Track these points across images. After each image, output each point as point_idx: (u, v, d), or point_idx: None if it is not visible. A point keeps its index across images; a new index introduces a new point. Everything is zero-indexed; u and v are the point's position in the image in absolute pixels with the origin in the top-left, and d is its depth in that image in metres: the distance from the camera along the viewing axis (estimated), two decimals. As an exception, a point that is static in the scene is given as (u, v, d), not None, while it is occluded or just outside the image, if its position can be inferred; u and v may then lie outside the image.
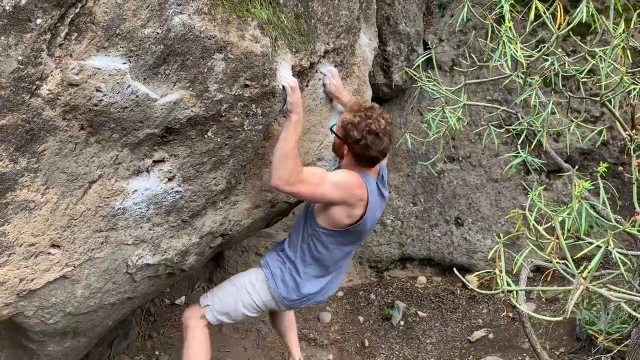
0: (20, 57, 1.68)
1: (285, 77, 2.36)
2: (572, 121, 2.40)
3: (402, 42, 4.28)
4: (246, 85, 2.25)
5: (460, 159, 4.50)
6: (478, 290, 1.47)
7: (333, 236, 2.64)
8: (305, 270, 2.72)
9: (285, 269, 2.73)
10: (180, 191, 2.28)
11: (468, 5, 1.99)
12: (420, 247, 4.72)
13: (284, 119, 2.69)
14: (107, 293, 2.28)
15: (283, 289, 2.71)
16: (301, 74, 2.64)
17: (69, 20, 1.75)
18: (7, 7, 1.61)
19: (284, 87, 2.37)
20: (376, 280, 4.86)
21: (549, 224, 1.56)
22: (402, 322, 4.42)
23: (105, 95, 1.87)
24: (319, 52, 2.71)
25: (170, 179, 2.23)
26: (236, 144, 2.35)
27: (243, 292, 2.74)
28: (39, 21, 1.68)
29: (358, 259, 4.85)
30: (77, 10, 1.76)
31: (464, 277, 4.57)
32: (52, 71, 1.77)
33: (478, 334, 4.12)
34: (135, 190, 2.14)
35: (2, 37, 1.63)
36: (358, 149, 2.54)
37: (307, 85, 2.76)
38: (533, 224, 1.55)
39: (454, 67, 4.27)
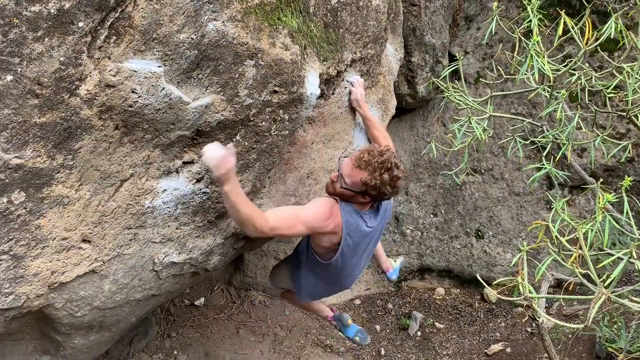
0: (62, 58, 1.75)
1: (208, 155, 2.13)
2: (597, 136, 2.41)
3: (427, 53, 4.31)
4: (275, 92, 2.30)
5: (483, 171, 4.49)
6: (500, 296, 1.48)
7: (322, 266, 2.72)
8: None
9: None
10: (208, 192, 2.33)
11: (497, 19, 2.01)
12: (439, 259, 4.71)
13: (309, 125, 2.74)
14: (133, 289, 2.34)
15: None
16: (328, 82, 2.69)
17: (108, 23, 1.83)
18: (52, 10, 1.68)
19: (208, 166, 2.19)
20: (394, 290, 4.87)
21: (572, 235, 1.57)
22: (419, 333, 4.41)
23: (140, 97, 1.94)
24: (346, 61, 2.75)
25: (198, 180, 2.29)
26: (263, 148, 2.40)
27: None
28: (81, 24, 1.75)
29: (376, 268, 4.86)
30: (117, 14, 1.83)
31: (483, 290, 4.57)
32: (90, 72, 1.84)
33: (495, 348, 4.10)
34: (165, 189, 2.21)
35: (47, 39, 1.71)
36: (362, 187, 2.45)
37: (333, 93, 2.80)
38: (556, 235, 1.56)
39: (480, 79, 4.28)
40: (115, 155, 2.03)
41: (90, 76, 1.84)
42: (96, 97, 1.87)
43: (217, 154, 2.10)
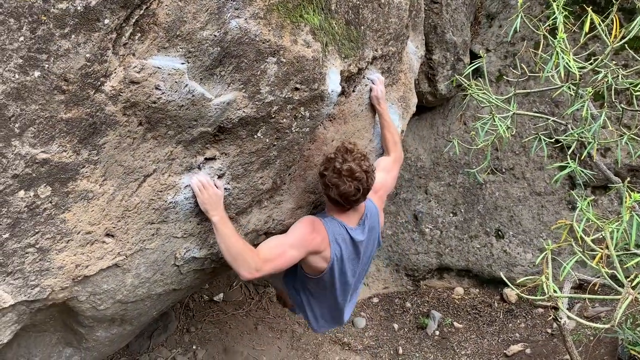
0: (88, 55, 1.78)
1: (193, 177, 2.22)
2: (621, 135, 2.37)
3: (448, 51, 4.28)
4: (296, 89, 2.31)
5: (504, 170, 4.45)
6: (524, 295, 1.47)
7: (314, 282, 2.66)
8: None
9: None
10: (229, 188, 2.35)
11: (522, 16, 1.99)
12: (458, 258, 4.68)
13: (329, 122, 2.74)
14: (155, 283, 2.37)
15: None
16: (349, 79, 2.69)
17: (133, 20, 1.85)
18: (78, 8, 1.71)
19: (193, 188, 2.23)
20: (412, 289, 4.85)
21: (597, 235, 1.55)
22: (437, 332, 4.39)
23: (163, 93, 1.96)
24: (367, 58, 2.75)
25: (220, 177, 2.30)
26: (283, 145, 2.41)
27: None
28: (106, 21, 1.78)
29: (394, 267, 4.85)
30: (142, 11, 1.85)
31: (502, 290, 4.53)
32: (115, 69, 1.86)
33: (515, 349, 4.06)
34: (187, 185, 2.23)
35: (73, 36, 1.73)
36: (322, 186, 2.50)
37: (353, 91, 2.80)
38: (580, 235, 1.54)
39: (502, 77, 4.24)
40: (138, 151, 2.05)
41: (115, 73, 1.87)
42: (121, 94, 1.90)
43: (205, 177, 2.24)
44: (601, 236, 1.50)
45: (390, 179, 2.97)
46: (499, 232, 4.54)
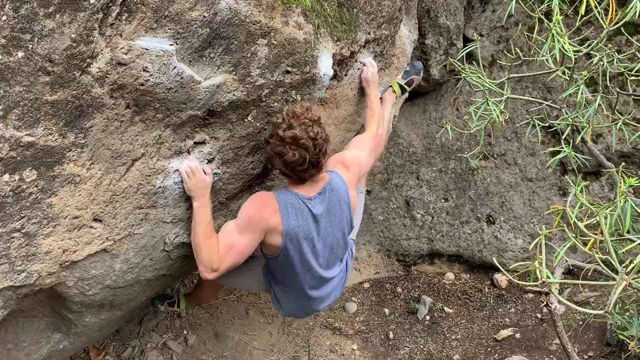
0: (73, 35, 1.73)
1: (183, 162, 2.19)
2: (615, 121, 2.35)
3: (441, 35, 4.24)
4: (287, 72, 2.27)
5: (495, 156, 4.44)
6: (516, 281, 1.46)
7: (273, 263, 2.47)
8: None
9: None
10: (219, 173, 2.32)
11: (520, 2, 1.96)
12: (449, 243, 4.69)
13: (321, 107, 2.70)
14: (144, 269, 2.34)
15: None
16: (341, 63, 2.65)
17: (120, 0, 1.80)
18: (63, -14, 1.66)
19: (183, 171, 2.20)
20: (403, 274, 4.86)
21: (590, 220, 1.54)
22: (427, 317, 4.41)
23: (151, 75, 1.92)
24: (359, 42, 2.71)
25: (210, 161, 2.27)
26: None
27: None
28: (92, 0, 1.73)
29: (386, 252, 4.85)
30: (129, -9, 1.80)
31: (493, 275, 4.55)
32: (102, 50, 1.82)
33: (505, 333, 4.08)
34: (176, 170, 2.19)
35: (58, 15, 1.69)
36: (268, 156, 2.30)
37: (346, 75, 2.77)
38: (574, 221, 1.53)
39: (497, 62, 4.21)
40: (126, 135, 2.01)
41: (101, 54, 1.82)
42: (107, 75, 1.85)
43: (194, 162, 2.19)
44: (595, 222, 1.49)
45: (365, 155, 2.71)
46: (490, 218, 4.55)
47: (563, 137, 2.21)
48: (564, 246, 1.45)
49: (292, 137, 2.14)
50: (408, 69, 3.35)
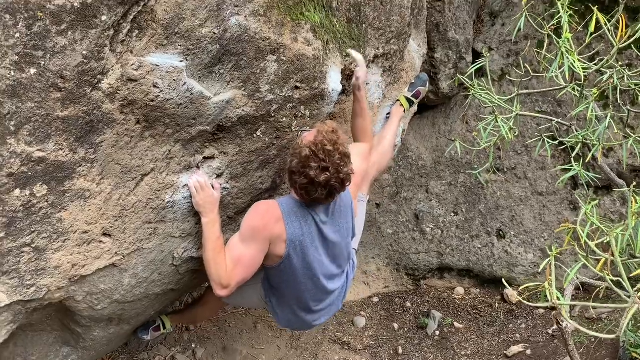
0: (84, 52, 1.75)
1: (192, 177, 2.20)
2: (625, 137, 2.33)
3: (450, 49, 4.24)
4: (296, 87, 2.28)
5: (505, 170, 4.42)
6: (527, 302, 1.44)
7: (274, 272, 2.40)
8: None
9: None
10: (228, 188, 2.33)
11: (526, 15, 1.96)
12: (459, 258, 4.65)
13: (329, 121, 2.70)
14: (153, 283, 2.35)
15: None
16: (350, 78, 2.66)
17: (131, 17, 1.82)
18: (75, 4, 1.69)
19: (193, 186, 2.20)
20: (413, 288, 4.83)
21: (601, 240, 1.52)
22: (437, 332, 4.37)
23: (161, 91, 1.93)
24: (368, 57, 2.72)
25: (218, 176, 2.28)
26: (283, 144, 2.38)
27: None
28: (104, 18, 1.75)
29: (395, 266, 4.82)
30: (140, 8, 1.82)
31: (503, 291, 4.50)
32: (113, 66, 1.84)
33: (515, 349, 4.03)
34: (185, 185, 2.20)
35: (70, 32, 1.71)
36: (288, 180, 2.24)
37: (355, 89, 2.77)
38: (585, 240, 1.51)
39: (506, 76, 4.20)
40: (136, 150, 2.03)
41: (112, 70, 1.84)
42: (118, 91, 1.87)
43: (203, 177, 2.20)
44: (605, 241, 1.47)
45: (371, 169, 2.72)
46: (501, 232, 4.51)
47: (573, 154, 2.19)
48: (575, 267, 1.43)
49: (325, 181, 2.10)
50: (413, 82, 3.35)
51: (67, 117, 1.80)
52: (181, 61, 1.95)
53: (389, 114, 3.19)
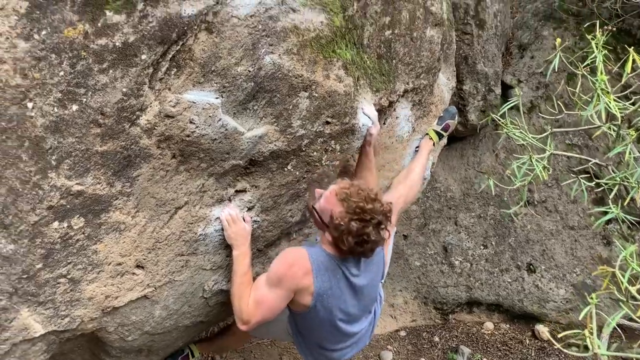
0: (124, 89, 1.81)
1: (224, 210, 2.23)
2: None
3: (479, 81, 4.24)
4: (327, 122, 2.30)
5: (536, 203, 4.36)
6: (569, 351, 1.40)
7: (300, 317, 2.40)
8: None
9: None
10: (258, 221, 2.35)
11: (560, 55, 1.96)
12: (489, 292, 4.57)
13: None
14: (183, 315, 2.36)
15: None
16: (380, 112, 2.68)
17: (170, 56, 1.88)
18: (117, 44, 1.75)
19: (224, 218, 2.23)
20: (441, 323, 4.74)
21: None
22: (466, 368, 4.26)
23: (197, 127, 1.98)
24: (398, 92, 2.74)
25: (249, 209, 2.30)
26: (313, 178, 2.40)
27: None
28: (144, 57, 1.81)
29: (423, 299, 4.75)
30: (179, 47, 1.88)
31: (533, 327, 4.39)
32: (151, 103, 1.89)
33: (547, 389, 3.91)
34: (217, 217, 2.23)
35: (111, 71, 1.77)
36: (330, 231, 2.19)
37: (384, 124, 2.79)
38: (626, 286, 1.48)
39: (535, 108, 4.17)
40: (171, 183, 2.07)
41: (150, 107, 1.89)
42: (155, 127, 1.92)
43: (234, 210, 2.24)
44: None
45: (397, 202, 2.76)
46: (531, 266, 4.43)
47: (611, 196, 2.15)
48: (617, 315, 1.39)
49: (365, 238, 2.13)
50: (442, 115, 3.36)
51: (105, 152, 1.85)
52: (217, 98, 1.99)
53: (417, 147, 3.19)
